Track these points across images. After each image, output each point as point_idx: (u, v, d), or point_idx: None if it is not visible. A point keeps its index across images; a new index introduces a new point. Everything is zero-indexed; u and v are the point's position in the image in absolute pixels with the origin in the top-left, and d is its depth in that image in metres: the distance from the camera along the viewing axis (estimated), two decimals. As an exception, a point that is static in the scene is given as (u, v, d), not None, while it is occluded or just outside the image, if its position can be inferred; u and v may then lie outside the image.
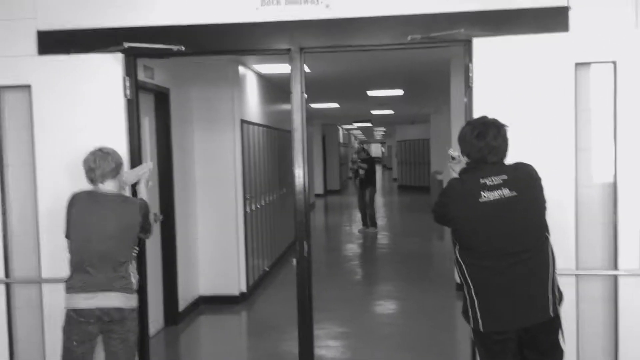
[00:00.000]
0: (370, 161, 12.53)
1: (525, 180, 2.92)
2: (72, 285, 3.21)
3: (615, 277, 3.44)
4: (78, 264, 3.22)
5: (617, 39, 3.42)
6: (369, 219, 12.21)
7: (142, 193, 3.54)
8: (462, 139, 3.02)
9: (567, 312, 3.37)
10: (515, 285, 2.85)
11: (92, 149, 3.33)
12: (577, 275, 3.45)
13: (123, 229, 3.24)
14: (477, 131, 2.95)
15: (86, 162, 3.28)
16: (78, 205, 3.26)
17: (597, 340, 3.52)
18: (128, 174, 3.54)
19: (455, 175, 3.15)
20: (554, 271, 2.91)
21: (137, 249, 3.36)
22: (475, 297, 2.90)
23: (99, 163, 3.25)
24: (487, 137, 2.91)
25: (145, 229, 3.36)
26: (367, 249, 10.88)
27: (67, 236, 3.30)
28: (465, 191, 2.92)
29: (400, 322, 6.28)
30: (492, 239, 2.87)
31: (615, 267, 3.43)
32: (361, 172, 12.24)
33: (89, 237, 3.20)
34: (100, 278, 3.18)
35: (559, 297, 2.93)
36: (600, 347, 3.52)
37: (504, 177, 2.87)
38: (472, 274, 2.91)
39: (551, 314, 2.87)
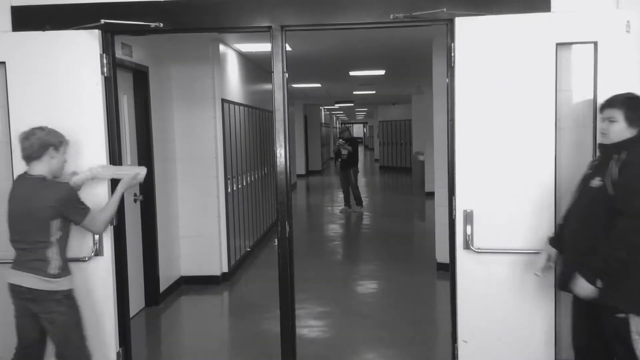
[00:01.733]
0: (353, 142, 12.60)
1: None
2: (13, 261, 3.32)
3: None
4: (10, 243, 3.32)
5: (599, 19, 3.42)
6: (354, 199, 12.31)
7: (115, 194, 3.46)
8: None
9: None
10: None
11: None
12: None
13: (32, 210, 3.22)
14: None
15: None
16: (12, 187, 3.35)
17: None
18: (104, 168, 3.48)
19: None
20: None
21: (60, 233, 3.24)
22: None
23: (22, 143, 3.26)
24: None
25: (65, 215, 3.23)
26: (349, 229, 10.93)
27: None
28: None
29: (381, 302, 6.33)
30: None
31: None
32: (344, 152, 12.25)
33: (9, 216, 3.29)
34: (21, 256, 3.28)
35: None
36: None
37: None
38: None
39: None
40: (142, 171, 3.58)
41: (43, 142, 3.24)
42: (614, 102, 3.02)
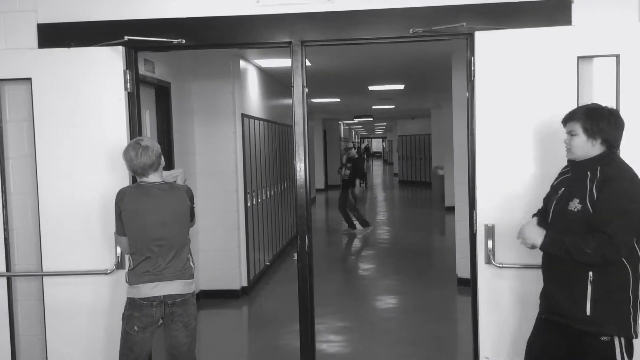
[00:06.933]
0: (357, 161, 11.97)
1: None
2: (136, 274, 3.32)
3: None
4: (139, 254, 3.33)
5: (620, 32, 3.40)
6: (358, 221, 11.66)
7: None
8: (612, 121, 2.86)
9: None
10: None
11: (132, 142, 3.35)
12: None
13: (176, 214, 3.35)
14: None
15: (126, 155, 3.30)
16: (127, 200, 3.31)
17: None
18: (165, 175, 3.52)
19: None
20: None
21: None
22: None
23: (141, 157, 3.27)
24: None
25: (192, 213, 3.47)
26: (368, 244, 10.88)
27: (119, 233, 3.38)
28: None
29: (401, 317, 6.28)
30: None
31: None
32: (345, 172, 11.72)
33: (144, 226, 3.29)
34: (162, 265, 3.31)
35: None
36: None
37: None
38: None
39: None
40: (183, 170, 3.74)
41: (158, 153, 3.34)
42: (574, 114, 2.91)
